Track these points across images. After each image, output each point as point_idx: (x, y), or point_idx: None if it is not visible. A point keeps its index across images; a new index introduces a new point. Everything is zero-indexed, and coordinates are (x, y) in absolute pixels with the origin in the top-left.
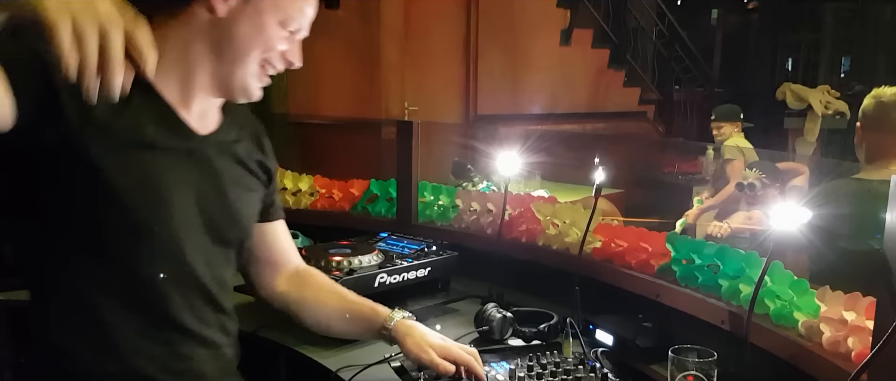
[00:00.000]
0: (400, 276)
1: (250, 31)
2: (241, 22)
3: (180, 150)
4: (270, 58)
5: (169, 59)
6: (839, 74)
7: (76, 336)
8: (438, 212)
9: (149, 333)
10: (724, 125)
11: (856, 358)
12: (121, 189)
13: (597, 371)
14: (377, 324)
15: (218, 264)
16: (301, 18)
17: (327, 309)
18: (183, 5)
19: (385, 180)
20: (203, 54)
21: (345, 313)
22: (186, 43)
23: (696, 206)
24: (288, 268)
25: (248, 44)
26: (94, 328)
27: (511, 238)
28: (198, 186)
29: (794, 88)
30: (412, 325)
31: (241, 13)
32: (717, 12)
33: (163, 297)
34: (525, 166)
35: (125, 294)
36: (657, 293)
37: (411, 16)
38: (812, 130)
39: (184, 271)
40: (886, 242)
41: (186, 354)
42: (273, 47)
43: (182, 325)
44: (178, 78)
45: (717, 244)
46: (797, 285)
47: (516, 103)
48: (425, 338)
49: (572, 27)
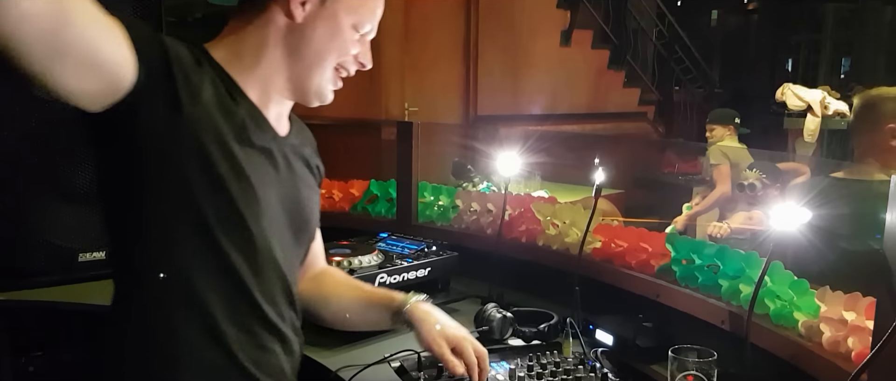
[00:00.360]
0: (400, 276)
1: (326, 35)
2: (318, 26)
3: (267, 150)
4: (345, 61)
5: (248, 62)
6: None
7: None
8: (438, 212)
9: (237, 320)
10: (716, 128)
11: (856, 358)
12: (226, 178)
13: (597, 371)
14: (393, 307)
15: (294, 261)
16: (373, 20)
17: (344, 301)
18: (260, 10)
19: (385, 181)
20: (280, 58)
21: (362, 303)
22: (264, 47)
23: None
24: (315, 270)
25: (325, 48)
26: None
27: (511, 238)
28: (280, 185)
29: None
30: (429, 310)
31: (317, 18)
32: (717, 13)
33: (250, 287)
34: (525, 167)
35: (219, 281)
36: (657, 293)
37: (411, 16)
38: (812, 131)
39: (270, 265)
40: (886, 242)
41: (269, 347)
42: (348, 51)
43: (265, 317)
44: (259, 82)
45: (716, 245)
46: (797, 286)
47: (516, 104)
48: (444, 329)
49: (572, 28)
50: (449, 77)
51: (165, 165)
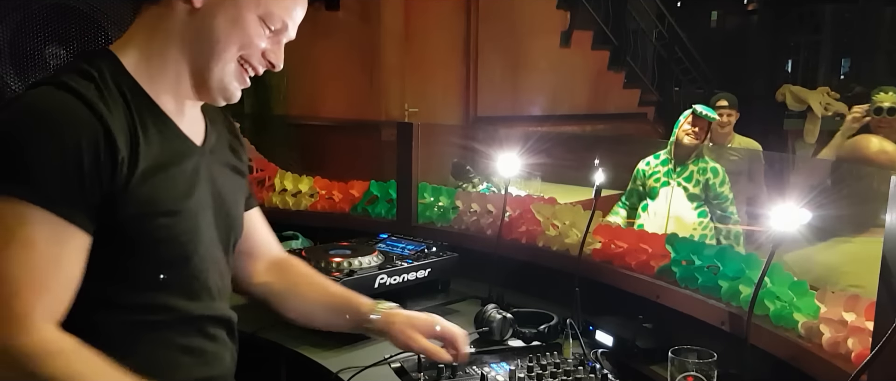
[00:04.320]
0: (400, 277)
1: (227, 23)
2: (218, 14)
3: (188, 168)
4: (249, 55)
5: (156, 63)
6: (839, 75)
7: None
8: (438, 213)
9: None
10: (734, 114)
11: (856, 359)
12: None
13: (597, 372)
14: (361, 318)
15: (226, 271)
16: (285, 17)
17: (307, 302)
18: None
19: (385, 182)
20: (181, 51)
21: (328, 307)
22: (167, 41)
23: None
24: (266, 258)
25: (225, 37)
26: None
27: (511, 239)
28: (209, 203)
29: (793, 89)
30: (394, 312)
31: (218, 5)
32: (717, 14)
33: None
34: (525, 168)
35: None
36: (657, 294)
37: (411, 17)
38: (812, 132)
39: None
40: (886, 242)
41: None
42: (251, 44)
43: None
44: (170, 86)
45: (716, 246)
46: (797, 287)
47: (516, 105)
48: (410, 321)
49: (572, 29)
50: (449, 78)
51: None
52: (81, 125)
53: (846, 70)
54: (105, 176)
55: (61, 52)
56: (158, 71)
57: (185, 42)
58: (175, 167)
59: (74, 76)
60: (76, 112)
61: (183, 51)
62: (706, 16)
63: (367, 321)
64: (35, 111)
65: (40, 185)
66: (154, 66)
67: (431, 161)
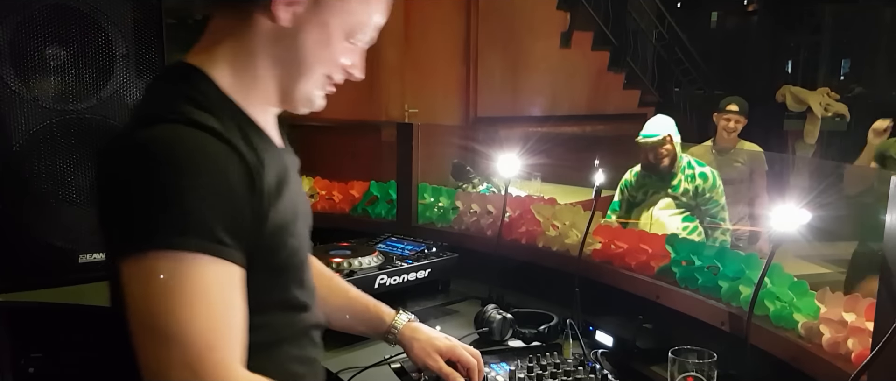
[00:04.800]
0: (400, 277)
1: (315, 44)
2: (307, 35)
3: (290, 177)
4: (334, 71)
5: (247, 82)
6: (839, 76)
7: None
8: (438, 214)
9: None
10: (742, 120)
11: (856, 359)
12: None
13: (597, 373)
14: (382, 328)
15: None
16: (371, 31)
17: (327, 306)
18: (241, 17)
19: (385, 182)
20: (269, 68)
21: (345, 313)
22: (253, 58)
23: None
24: None
25: (313, 58)
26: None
27: (511, 240)
28: (302, 206)
29: (793, 90)
30: (416, 328)
31: (306, 23)
32: (717, 15)
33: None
34: (525, 168)
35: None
36: (657, 295)
37: (411, 18)
38: (812, 132)
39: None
40: (886, 242)
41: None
42: (337, 61)
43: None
44: (260, 102)
45: (716, 246)
46: (797, 287)
47: (516, 105)
48: (432, 342)
49: (572, 29)
50: (449, 78)
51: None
52: (227, 164)
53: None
54: (250, 211)
55: (61, 52)
56: (249, 87)
57: (273, 60)
58: (284, 182)
59: (191, 108)
60: (219, 152)
61: (270, 68)
62: (706, 16)
63: (389, 332)
64: (181, 156)
65: (209, 233)
66: (245, 82)
67: (432, 162)
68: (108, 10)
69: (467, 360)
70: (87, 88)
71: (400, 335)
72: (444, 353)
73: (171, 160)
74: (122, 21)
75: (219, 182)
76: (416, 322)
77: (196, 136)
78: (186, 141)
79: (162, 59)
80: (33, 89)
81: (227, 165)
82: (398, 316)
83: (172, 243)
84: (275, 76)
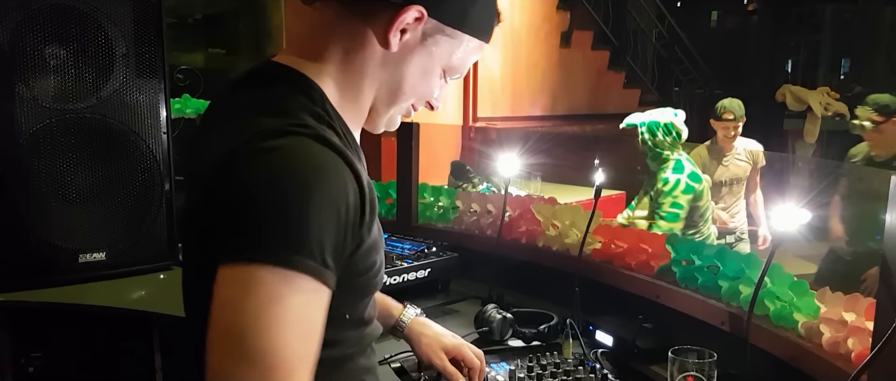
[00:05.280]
0: (400, 277)
1: (417, 73)
2: (412, 63)
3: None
4: (421, 101)
5: (350, 97)
6: (839, 75)
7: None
8: (438, 213)
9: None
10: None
11: (856, 359)
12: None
13: (597, 372)
14: (390, 321)
15: None
16: (464, 69)
17: None
18: (354, 33)
19: (385, 182)
20: (370, 89)
21: None
22: (360, 77)
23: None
24: None
25: (411, 87)
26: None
27: (511, 239)
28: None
29: (793, 89)
30: (425, 323)
31: (412, 52)
32: (717, 14)
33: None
34: (525, 168)
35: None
36: (657, 294)
37: None
38: (811, 132)
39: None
40: (886, 242)
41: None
42: (431, 94)
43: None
44: (357, 120)
45: (716, 246)
46: (797, 287)
47: (516, 105)
48: (439, 340)
49: (572, 29)
50: None
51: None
52: (348, 185)
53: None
54: (352, 233)
55: (61, 51)
56: (351, 105)
57: (375, 82)
58: (375, 201)
59: (317, 123)
60: (342, 171)
61: (371, 89)
62: (706, 16)
63: (397, 324)
64: (309, 172)
65: (321, 256)
66: (348, 100)
67: (432, 162)
68: (108, 10)
69: (471, 361)
70: (87, 87)
71: (408, 329)
72: (450, 351)
73: (299, 174)
74: (122, 21)
75: (339, 203)
76: (424, 318)
77: (324, 153)
78: (316, 157)
79: (162, 59)
80: (33, 89)
81: (347, 186)
82: (406, 310)
83: (284, 260)
84: (372, 93)
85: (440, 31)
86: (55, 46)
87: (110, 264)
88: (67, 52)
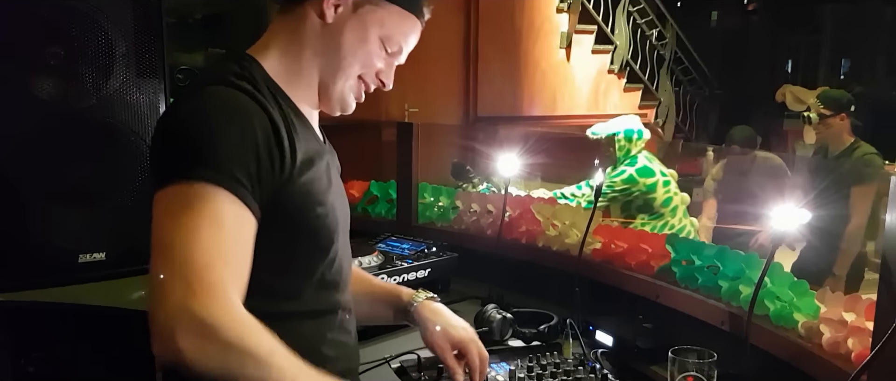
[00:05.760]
0: (400, 277)
1: (354, 41)
2: (347, 31)
3: (324, 165)
4: (366, 74)
5: (293, 68)
6: (839, 75)
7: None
8: (438, 213)
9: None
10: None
11: (856, 359)
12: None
13: (597, 372)
14: (401, 305)
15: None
16: (402, 42)
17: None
18: (295, 11)
19: (385, 182)
20: (313, 61)
21: (369, 298)
22: (301, 49)
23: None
24: None
25: (350, 53)
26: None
27: (511, 239)
28: (339, 197)
29: (793, 89)
30: (437, 310)
31: (347, 21)
32: (717, 14)
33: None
34: (525, 168)
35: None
36: (657, 294)
37: None
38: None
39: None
40: (886, 242)
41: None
42: (371, 62)
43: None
44: (305, 91)
45: (716, 245)
46: (797, 287)
47: (516, 105)
48: (449, 331)
49: (572, 29)
50: (449, 78)
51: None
52: (258, 118)
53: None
54: (276, 166)
55: (61, 52)
56: (294, 77)
57: (316, 53)
58: (318, 163)
59: (233, 78)
60: (251, 106)
61: (313, 61)
62: (706, 16)
63: (407, 307)
64: (218, 105)
65: (228, 171)
66: (291, 72)
67: (431, 161)
68: (108, 10)
69: (472, 362)
70: (87, 87)
71: (417, 311)
72: (457, 345)
73: (206, 109)
74: (122, 20)
75: (244, 131)
76: (438, 303)
77: (230, 92)
78: (220, 95)
79: (162, 59)
80: (33, 89)
81: (252, 118)
82: (418, 292)
83: (191, 175)
84: (316, 67)
85: (369, 1)
86: (55, 46)
87: (110, 264)
88: (67, 52)
